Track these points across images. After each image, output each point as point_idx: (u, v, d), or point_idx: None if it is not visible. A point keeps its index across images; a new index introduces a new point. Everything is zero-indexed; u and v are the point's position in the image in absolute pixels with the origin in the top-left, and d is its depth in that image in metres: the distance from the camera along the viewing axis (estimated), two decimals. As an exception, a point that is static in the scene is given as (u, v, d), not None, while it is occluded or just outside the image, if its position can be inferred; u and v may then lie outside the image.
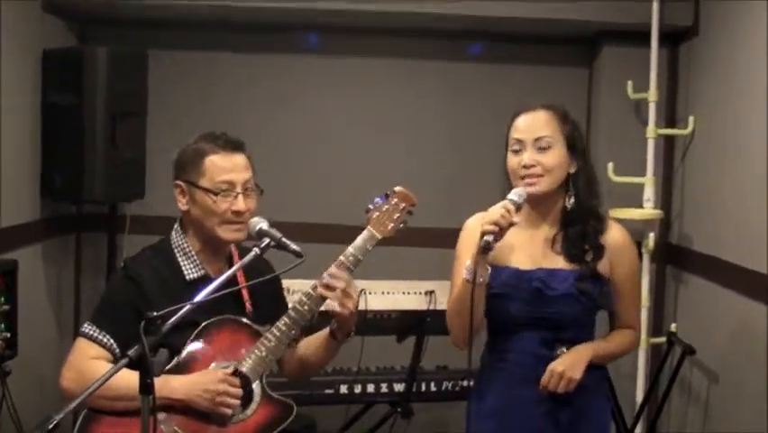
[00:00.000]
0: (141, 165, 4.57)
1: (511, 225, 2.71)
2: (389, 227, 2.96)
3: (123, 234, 4.81)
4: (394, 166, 4.97)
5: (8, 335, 3.40)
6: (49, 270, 4.61)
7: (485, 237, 2.68)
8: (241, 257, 3.01)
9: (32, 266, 4.41)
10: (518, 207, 2.76)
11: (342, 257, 2.90)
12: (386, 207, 2.97)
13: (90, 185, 4.35)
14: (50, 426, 2.09)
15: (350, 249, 2.91)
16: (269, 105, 5.05)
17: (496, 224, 2.69)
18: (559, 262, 2.88)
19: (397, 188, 3.00)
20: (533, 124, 2.87)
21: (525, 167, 2.83)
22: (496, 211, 2.72)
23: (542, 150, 2.83)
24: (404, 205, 2.98)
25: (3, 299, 3.39)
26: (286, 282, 3.26)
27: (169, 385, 2.73)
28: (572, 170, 2.88)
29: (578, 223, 2.88)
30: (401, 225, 2.98)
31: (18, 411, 3.42)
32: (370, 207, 2.98)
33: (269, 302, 3.04)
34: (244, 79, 5.03)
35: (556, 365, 2.81)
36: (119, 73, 4.39)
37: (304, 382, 3.20)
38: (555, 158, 2.84)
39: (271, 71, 5.06)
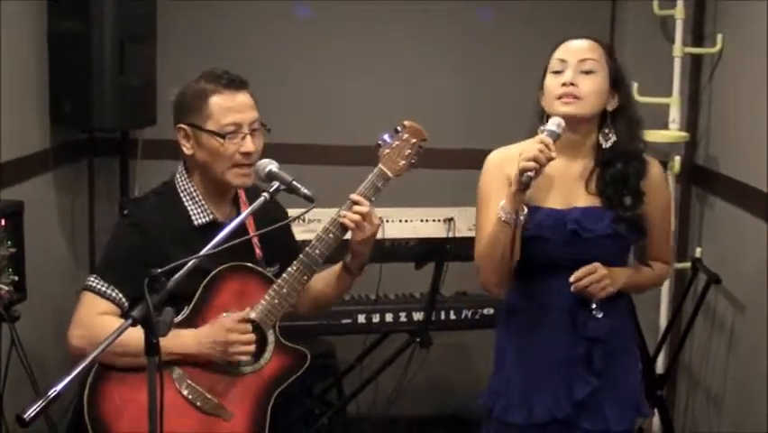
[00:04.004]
0: (151, 91, 4.44)
1: (550, 160, 2.60)
2: (401, 165, 2.87)
3: (135, 160, 4.73)
4: (411, 87, 4.82)
5: (16, 278, 3.34)
6: (62, 198, 4.53)
7: (526, 173, 2.58)
8: (248, 197, 2.94)
9: (44, 195, 4.35)
10: (556, 138, 2.65)
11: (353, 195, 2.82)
12: (396, 143, 2.87)
13: (100, 113, 4.22)
14: (51, 396, 2.02)
15: (360, 188, 2.83)
16: (285, 28, 4.85)
17: (535, 160, 2.58)
18: (594, 201, 2.77)
19: (407, 123, 2.89)
20: (579, 47, 2.77)
21: (564, 84, 2.72)
22: (533, 147, 2.60)
23: (585, 73, 2.73)
24: (415, 140, 2.88)
25: (9, 242, 3.31)
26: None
27: (180, 341, 2.67)
28: (611, 108, 2.77)
29: (617, 164, 2.76)
30: (413, 162, 2.88)
31: (29, 354, 3.38)
32: (380, 143, 2.87)
33: (279, 243, 2.96)
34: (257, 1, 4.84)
35: (602, 268, 2.71)
36: (127, -3, 4.25)
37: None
38: (596, 84, 2.73)
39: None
